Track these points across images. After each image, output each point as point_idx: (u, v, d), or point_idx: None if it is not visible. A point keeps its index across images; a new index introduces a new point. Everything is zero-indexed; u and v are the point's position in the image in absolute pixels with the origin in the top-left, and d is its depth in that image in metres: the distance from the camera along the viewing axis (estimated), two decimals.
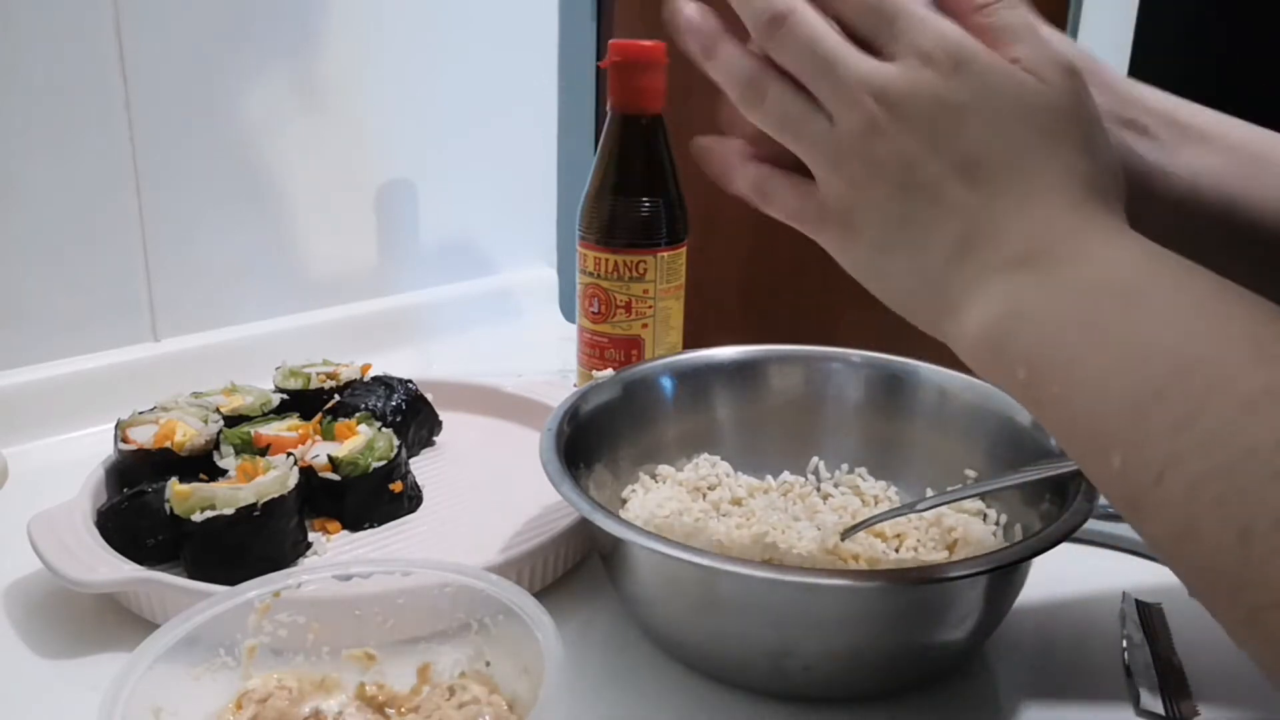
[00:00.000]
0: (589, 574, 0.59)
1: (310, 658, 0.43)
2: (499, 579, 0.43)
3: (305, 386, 0.72)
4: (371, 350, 0.87)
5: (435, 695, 0.42)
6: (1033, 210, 0.36)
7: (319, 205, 0.92)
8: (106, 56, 0.75)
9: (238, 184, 0.86)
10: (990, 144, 0.36)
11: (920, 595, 0.45)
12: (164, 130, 0.79)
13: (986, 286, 0.36)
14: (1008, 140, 0.36)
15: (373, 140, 0.94)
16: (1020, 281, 0.35)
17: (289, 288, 0.91)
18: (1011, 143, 0.36)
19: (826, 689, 0.48)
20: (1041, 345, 0.34)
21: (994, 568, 0.44)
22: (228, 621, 0.42)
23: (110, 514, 0.57)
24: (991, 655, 0.52)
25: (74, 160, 0.76)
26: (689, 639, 0.50)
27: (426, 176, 0.99)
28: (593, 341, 0.77)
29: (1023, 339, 0.35)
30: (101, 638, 0.52)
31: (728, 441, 0.65)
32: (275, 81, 0.86)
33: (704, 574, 0.45)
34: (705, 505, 0.61)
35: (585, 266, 0.76)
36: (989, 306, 0.36)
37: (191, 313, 0.85)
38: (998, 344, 0.36)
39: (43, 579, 0.54)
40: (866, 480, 0.63)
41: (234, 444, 0.63)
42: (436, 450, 0.74)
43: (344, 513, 0.62)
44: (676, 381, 0.64)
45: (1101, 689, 0.50)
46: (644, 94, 0.73)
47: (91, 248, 0.78)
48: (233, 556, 0.54)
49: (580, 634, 0.54)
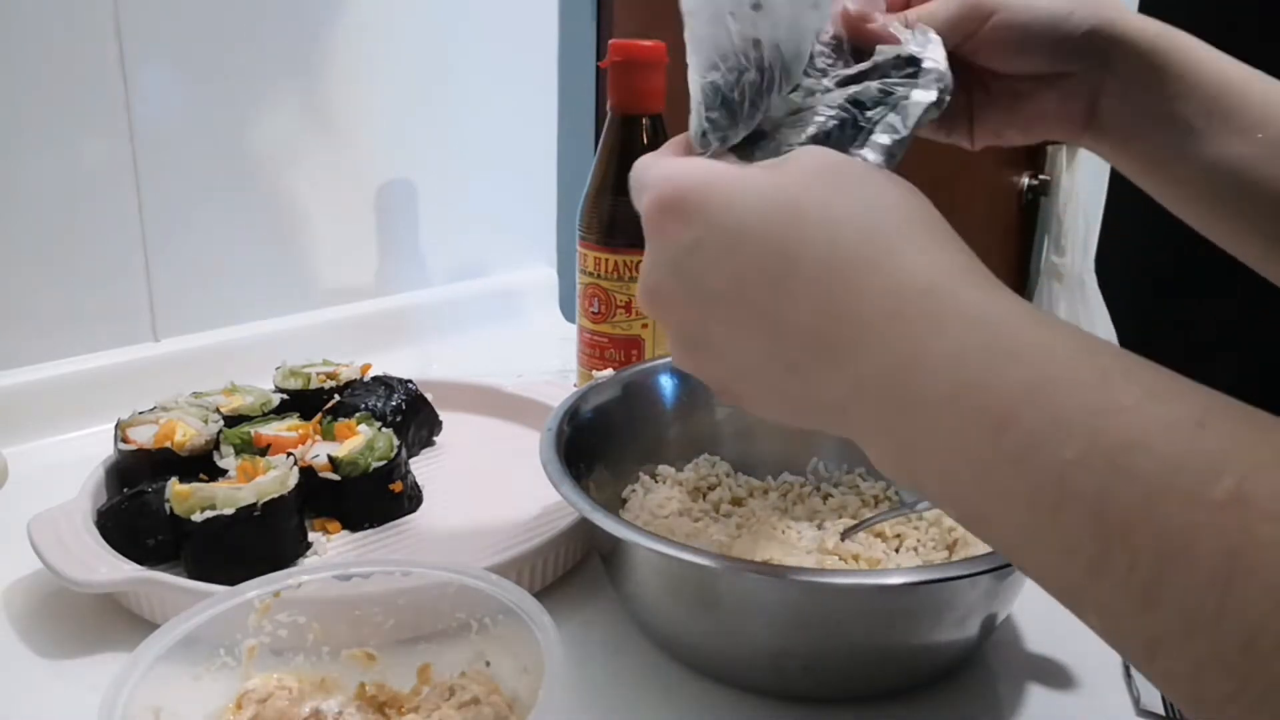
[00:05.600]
0: (589, 574, 0.59)
1: (310, 658, 0.43)
2: (499, 579, 0.43)
3: (305, 386, 0.72)
4: (371, 350, 0.87)
5: (435, 695, 0.42)
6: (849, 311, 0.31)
7: (319, 205, 0.92)
8: (106, 56, 0.75)
9: (238, 184, 0.85)
10: (741, 268, 0.33)
11: (920, 595, 0.45)
12: (164, 130, 0.79)
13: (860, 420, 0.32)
14: (759, 253, 0.32)
15: (373, 140, 0.94)
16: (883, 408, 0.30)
17: (289, 288, 0.91)
18: (764, 250, 0.32)
19: (826, 689, 0.48)
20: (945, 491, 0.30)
21: (994, 568, 0.44)
22: (228, 621, 0.42)
23: (110, 514, 0.57)
24: (991, 655, 0.52)
25: (74, 160, 0.76)
26: (689, 639, 0.50)
27: (426, 176, 0.99)
28: (593, 341, 0.77)
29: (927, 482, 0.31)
30: (101, 638, 0.52)
31: (727, 441, 0.65)
32: (275, 82, 0.86)
33: (704, 574, 0.45)
34: (705, 505, 0.61)
35: (585, 266, 0.76)
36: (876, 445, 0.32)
37: (191, 313, 0.85)
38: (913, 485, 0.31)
39: (43, 579, 0.54)
40: (866, 480, 0.63)
41: (234, 444, 0.63)
42: (436, 450, 0.74)
43: (344, 513, 0.62)
44: (676, 381, 0.64)
45: (1101, 689, 0.50)
46: (644, 94, 0.73)
47: (91, 248, 0.78)
48: (233, 556, 0.54)
49: (580, 634, 0.54)
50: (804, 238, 0.31)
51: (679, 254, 0.34)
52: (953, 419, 0.28)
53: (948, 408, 0.28)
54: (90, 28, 0.74)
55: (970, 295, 0.29)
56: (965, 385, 0.28)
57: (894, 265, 0.30)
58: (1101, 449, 0.25)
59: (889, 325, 0.30)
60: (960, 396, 0.28)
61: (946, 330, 0.29)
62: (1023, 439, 0.26)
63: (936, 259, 0.31)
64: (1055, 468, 0.25)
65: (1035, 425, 0.26)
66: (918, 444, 0.29)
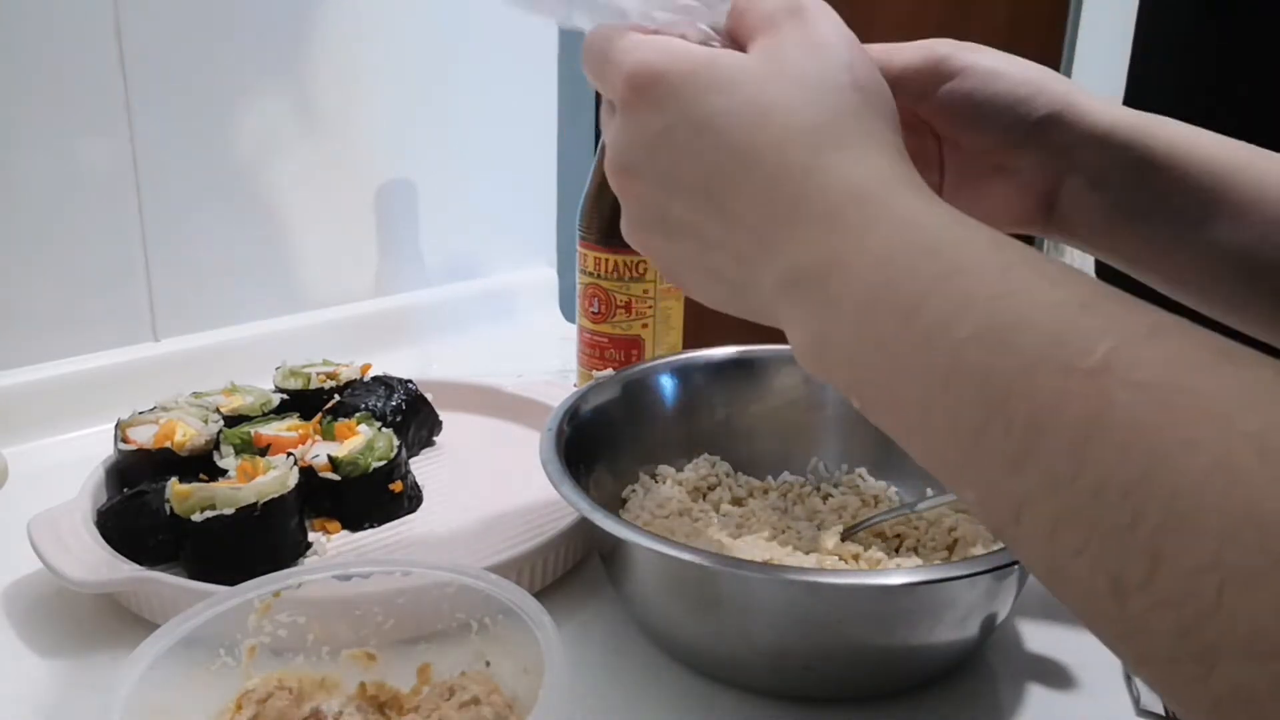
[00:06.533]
0: (589, 574, 0.59)
1: (310, 658, 0.43)
2: (499, 579, 0.43)
3: (305, 386, 0.72)
4: (371, 350, 0.87)
5: (435, 695, 0.42)
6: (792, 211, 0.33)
7: (319, 205, 0.92)
8: (106, 56, 0.75)
9: (238, 184, 0.86)
10: (705, 160, 0.34)
11: (920, 595, 0.45)
12: (164, 130, 0.79)
13: (788, 310, 0.34)
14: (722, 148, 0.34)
15: (373, 141, 0.94)
16: (808, 300, 0.33)
17: (289, 288, 0.91)
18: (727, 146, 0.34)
19: (826, 689, 0.48)
20: (854, 376, 0.32)
21: (994, 568, 0.44)
22: (228, 621, 0.42)
23: (110, 514, 0.57)
24: (991, 655, 0.52)
25: (74, 160, 0.76)
26: (689, 639, 0.50)
27: (426, 177, 0.99)
28: (593, 341, 0.77)
29: (837, 370, 0.33)
30: (101, 638, 0.52)
31: (728, 441, 0.65)
32: (275, 82, 0.86)
33: (704, 574, 0.45)
34: (705, 505, 0.61)
35: (585, 266, 0.76)
36: (797, 334, 0.34)
37: (191, 313, 0.85)
38: (824, 373, 0.33)
39: (43, 579, 0.54)
40: (866, 480, 0.63)
41: (234, 444, 0.63)
42: (436, 450, 0.74)
43: (344, 513, 0.62)
44: (676, 381, 0.64)
45: (1101, 689, 0.50)
46: None
47: (91, 248, 0.78)
48: (233, 556, 0.54)
49: (580, 634, 0.54)
50: (767, 141, 0.33)
51: (651, 137, 0.36)
52: (869, 312, 0.30)
53: (865, 302, 0.30)
54: (90, 28, 0.74)
55: (901, 200, 0.32)
56: (884, 284, 0.30)
57: (836, 172, 0.32)
58: (992, 327, 0.27)
59: (823, 226, 0.32)
60: (879, 292, 0.30)
61: (876, 231, 0.31)
62: (927, 322, 0.29)
63: (875, 165, 0.33)
64: (951, 346, 0.28)
65: (940, 310, 0.28)
66: (833, 335, 0.32)
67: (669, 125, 0.35)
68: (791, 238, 0.33)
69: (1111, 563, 0.24)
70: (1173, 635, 0.23)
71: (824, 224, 0.32)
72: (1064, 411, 0.25)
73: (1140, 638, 0.24)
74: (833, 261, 0.31)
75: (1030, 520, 0.26)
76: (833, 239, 0.32)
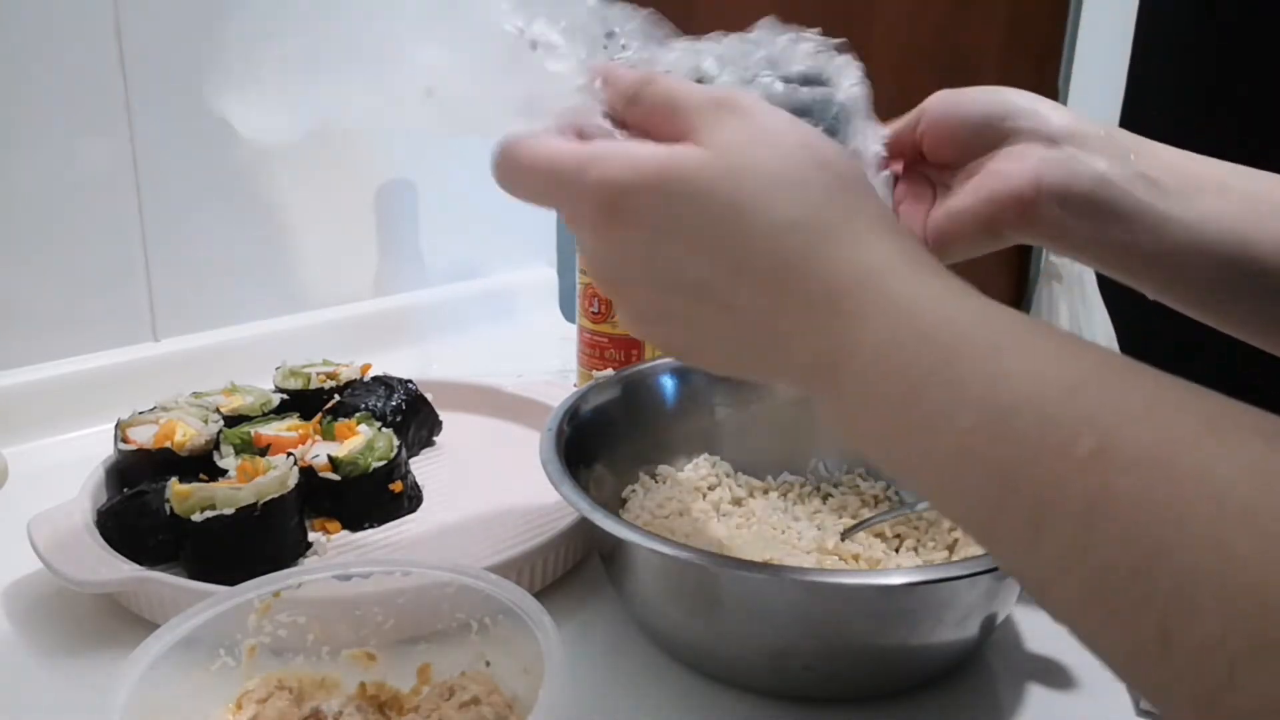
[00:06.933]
0: (589, 574, 0.59)
1: (310, 658, 0.43)
2: (499, 579, 0.43)
3: (305, 386, 0.72)
4: (371, 350, 0.87)
5: (435, 695, 0.42)
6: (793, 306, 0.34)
7: (319, 205, 0.92)
8: (106, 56, 0.75)
9: (238, 184, 0.85)
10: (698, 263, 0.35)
11: (920, 595, 0.45)
12: (164, 130, 0.79)
13: (806, 391, 0.35)
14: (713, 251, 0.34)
15: (373, 140, 0.94)
16: (821, 388, 0.34)
17: (289, 288, 0.91)
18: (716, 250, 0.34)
19: (826, 689, 0.48)
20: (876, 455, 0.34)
21: (994, 568, 0.44)
22: (228, 621, 0.42)
23: (110, 514, 0.57)
24: (991, 655, 0.52)
25: (74, 160, 0.76)
26: (689, 639, 0.50)
27: (426, 177, 0.99)
28: (593, 341, 0.77)
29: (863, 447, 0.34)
30: (101, 638, 0.52)
31: (728, 441, 0.65)
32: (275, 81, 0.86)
33: (704, 574, 0.45)
34: (705, 505, 0.61)
35: (585, 266, 0.76)
36: (821, 412, 0.35)
37: (191, 313, 0.85)
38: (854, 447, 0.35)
39: (43, 579, 0.54)
40: (866, 480, 0.63)
41: (234, 444, 0.63)
42: (436, 450, 0.74)
43: (344, 513, 0.62)
44: (676, 381, 0.64)
45: (1101, 689, 0.50)
46: None
47: (91, 248, 0.78)
48: (233, 556, 0.54)
49: (580, 634, 0.54)
50: (749, 240, 0.34)
51: (635, 250, 0.36)
52: (874, 397, 0.32)
53: (871, 388, 0.32)
54: (90, 28, 0.74)
55: (894, 286, 0.32)
56: (884, 373, 0.31)
57: (827, 263, 0.33)
58: (989, 419, 0.28)
59: (824, 318, 0.33)
60: (882, 384, 0.32)
61: (870, 322, 0.32)
62: (929, 410, 0.30)
63: (870, 252, 0.33)
64: (955, 435, 0.29)
65: (938, 400, 0.30)
66: (847, 413, 0.34)
67: (651, 237, 0.35)
68: (795, 330, 0.34)
69: (1129, 639, 0.25)
70: (1197, 704, 0.24)
71: (825, 317, 0.33)
72: (1066, 498, 0.26)
73: (1169, 704, 0.25)
74: (838, 351, 0.33)
75: (1054, 596, 0.27)
76: (834, 332, 0.33)
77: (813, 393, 0.35)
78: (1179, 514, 0.24)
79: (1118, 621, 0.25)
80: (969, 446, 0.29)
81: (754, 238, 0.34)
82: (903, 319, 0.31)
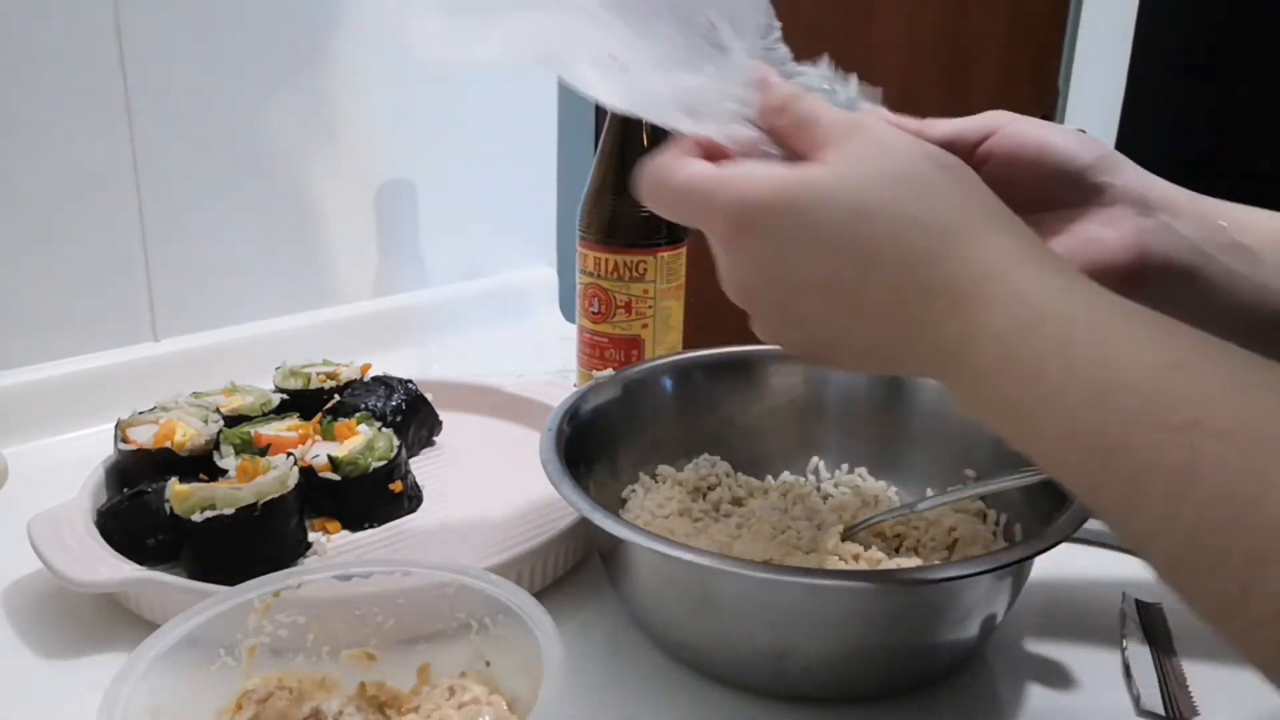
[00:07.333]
0: (589, 574, 0.59)
1: (310, 658, 0.43)
2: (499, 579, 0.43)
3: (305, 386, 0.72)
4: (371, 350, 0.87)
5: (435, 695, 0.42)
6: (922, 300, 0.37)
7: (319, 205, 0.92)
8: (106, 56, 0.75)
9: (238, 184, 0.85)
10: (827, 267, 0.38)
11: (920, 595, 0.45)
12: (164, 130, 0.79)
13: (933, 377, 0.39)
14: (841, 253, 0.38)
15: (373, 140, 0.94)
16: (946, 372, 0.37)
17: (289, 288, 0.91)
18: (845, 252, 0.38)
19: (826, 689, 0.48)
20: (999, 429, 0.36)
21: (994, 568, 0.44)
22: (228, 621, 0.42)
23: (110, 514, 0.57)
24: (991, 655, 0.52)
25: (74, 160, 0.76)
26: (689, 639, 0.50)
27: (426, 176, 0.99)
28: (593, 341, 0.77)
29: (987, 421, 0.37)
30: (101, 638, 0.52)
31: (727, 441, 0.65)
32: (275, 81, 0.86)
33: (704, 574, 0.45)
34: (705, 505, 0.61)
35: (585, 266, 0.76)
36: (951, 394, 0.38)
37: (191, 313, 0.85)
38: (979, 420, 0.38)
39: (43, 579, 0.54)
40: (866, 480, 0.63)
41: (234, 444, 0.63)
42: (436, 450, 0.74)
43: (344, 513, 0.62)
44: (676, 381, 0.64)
45: (1101, 689, 0.50)
46: None
47: (91, 248, 0.78)
48: (233, 556, 0.54)
49: (580, 634, 0.54)
50: (876, 239, 0.37)
51: (767, 261, 0.39)
52: (997, 379, 0.35)
53: (994, 372, 0.35)
54: (90, 28, 0.74)
55: (1012, 279, 0.36)
56: (1006, 357, 0.35)
57: (952, 260, 0.36)
58: (1097, 392, 0.32)
59: (950, 309, 0.36)
60: (1003, 364, 0.35)
61: (991, 312, 0.35)
62: (1045, 390, 0.33)
63: (989, 247, 0.37)
64: (1067, 410, 0.32)
65: (1055, 378, 0.33)
66: (973, 395, 0.37)
67: (782, 247, 0.38)
68: (924, 322, 0.37)
69: (1216, 592, 0.28)
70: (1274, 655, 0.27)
71: (950, 308, 0.36)
72: (1162, 465, 0.29)
73: (1253, 651, 0.28)
74: (963, 340, 0.36)
75: (1154, 554, 0.30)
76: (959, 322, 0.36)
77: (940, 378, 0.38)
78: (1261, 477, 0.27)
79: (1206, 576, 0.28)
80: (1077, 420, 0.32)
81: (879, 238, 0.37)
82: (1020, 309, 0.35)
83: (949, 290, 0.36)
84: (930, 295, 0.37)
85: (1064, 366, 0.33)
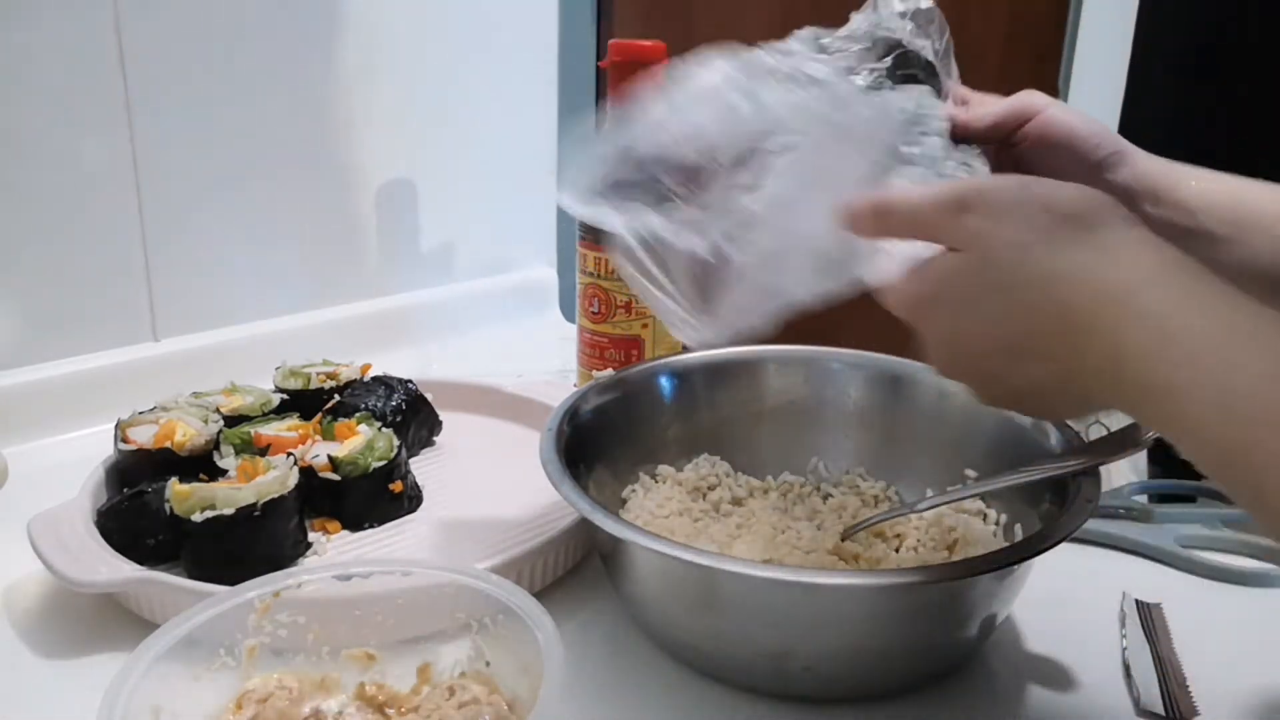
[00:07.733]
0: (589, 574, 0.59)
1: (310, 658, 0.44)
2: (499, 579, 0.43)
3: (305, 386, 0.72)
4: (371, 350, 0.87)
5: (435, 695, 0.42)
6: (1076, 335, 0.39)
7: (319, 205, 0.92)
8: (106, 56, 0.75)
9: (238, 184, 0.85)
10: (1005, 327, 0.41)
11: (920, 595, 0.45)
12: (164, 130, 0.79)
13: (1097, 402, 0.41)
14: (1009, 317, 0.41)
15: (373, 140, 0.94)
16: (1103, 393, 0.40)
17: (289, 288, 0.91)
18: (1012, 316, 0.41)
19: (826, 689, 0.48)
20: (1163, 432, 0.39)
21: (994, 568, 0.44)
22: (228, 621, 0.42)
23: (110, 514, 0.57)
24: (991, 655, 0.52)
25: (74, 160, 0.76)
26: (689, 639, 0.50)
27: (426, 176, 0.99)
28: (593, 341, 0.77)
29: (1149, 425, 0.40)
30: (101, 638, 0.52)
31: (728, 441, 0.65)
32: (276, 81, 0.86)
33: (704, 574, 0.45)
34: (705, 505, 0.61)
35: (585, 266, 0.76)
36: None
37: (191, 313, 0.85)
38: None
39: (43, 579, 0.54)
40: (866, 480, 0.63)
41: (234, 444, 0.63)
42: (436, 450, 0.74)
43: (344, 513, 0.62)
44: (676, 381, 0.64)
45: (1101, 689, 0.50)
46: None
47: (91, 248, 0.78)
48: (233, 556, 0.54)
49: (580, 634, 0.54)
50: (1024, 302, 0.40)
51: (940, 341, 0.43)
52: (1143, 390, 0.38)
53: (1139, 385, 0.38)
54: (90, 28, 0.74)
55: (1143, 299, 0.38)
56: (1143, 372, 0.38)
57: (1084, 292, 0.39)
58: (1221, 399, 0.35)
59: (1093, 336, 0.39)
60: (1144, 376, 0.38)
61: (1129, 329, 0.38)
62: (1179, 401, 0.36)
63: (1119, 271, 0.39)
64: (1195, 419, 0.36)
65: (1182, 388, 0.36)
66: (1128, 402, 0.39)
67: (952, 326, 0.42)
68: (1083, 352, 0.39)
69: None
70: None
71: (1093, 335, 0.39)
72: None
73: None
74: (1113, 357, 0.38)
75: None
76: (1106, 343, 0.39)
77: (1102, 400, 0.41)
78: None
79: None
80: (1205, 426, 0.35)
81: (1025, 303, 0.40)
82: (1151, 322, 0.38)
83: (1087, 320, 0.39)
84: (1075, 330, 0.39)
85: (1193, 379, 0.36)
